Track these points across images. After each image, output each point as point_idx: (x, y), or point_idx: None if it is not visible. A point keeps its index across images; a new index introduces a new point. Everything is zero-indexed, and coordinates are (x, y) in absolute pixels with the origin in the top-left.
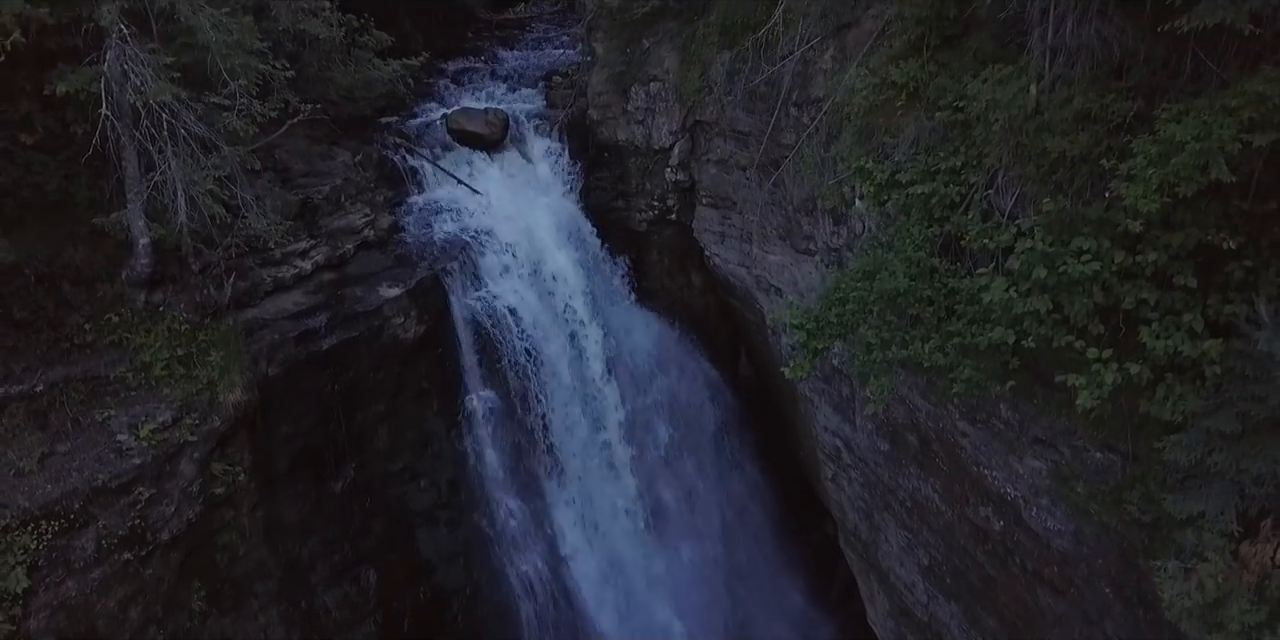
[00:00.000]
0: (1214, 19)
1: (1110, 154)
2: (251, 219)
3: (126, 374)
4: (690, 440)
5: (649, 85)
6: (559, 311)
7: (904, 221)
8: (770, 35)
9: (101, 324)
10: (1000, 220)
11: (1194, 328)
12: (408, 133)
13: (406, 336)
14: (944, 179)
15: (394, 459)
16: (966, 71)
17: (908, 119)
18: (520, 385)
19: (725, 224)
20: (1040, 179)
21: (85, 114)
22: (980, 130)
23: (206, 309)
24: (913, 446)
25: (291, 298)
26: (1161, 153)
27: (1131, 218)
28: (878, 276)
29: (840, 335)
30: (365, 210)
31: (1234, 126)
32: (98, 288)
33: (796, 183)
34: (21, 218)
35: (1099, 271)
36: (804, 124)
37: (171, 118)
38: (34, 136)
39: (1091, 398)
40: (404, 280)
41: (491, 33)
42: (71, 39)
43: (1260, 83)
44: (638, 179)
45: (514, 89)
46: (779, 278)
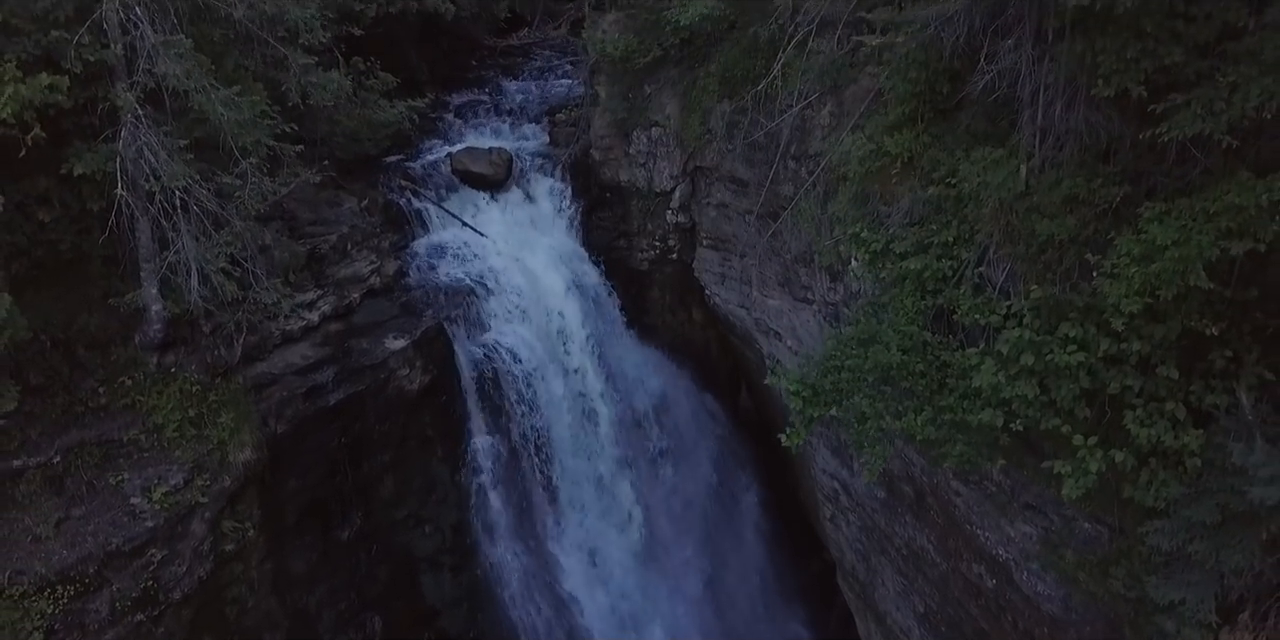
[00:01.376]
0: (1193, 129)
1: (1097, 239)
2: (262, 295)
3: (139, 436)
4: (691, 475)
5: (650, 130)
6: (561, 354)
7: (897, 292)
8: (769, 89)
9: (115, 387)
10: (991, 295)
11: (1176, 416)
12: (413, 175)
13: (412, 387)
14: (936, 252)
15: (399, 506)
16: (959, 145)
17: (903, 188)
18: (523, 429)
19: (725, 265)
20: (1030, 258)
21: (101, 192)
22: (972, 208)
23: (217, 369)
24: (908, 497)
25: (299, 350)
26: (1144, 253)
27: (1114, 316)
28: (871, 348)
29: (836, 403)
30: (371, 257)
31: (1213, 233)
32: (111, 351)
33: (794, 235)
34: (36, 279)
35: (1084, 360)
36: (802, 177)
37: (184, 194)
38: (51, 213)
39: (1077, 487)
40: (409, 331)
41: (495, 60)
42: (88, 118)
43: (1237, 192)
44: (639, 219)
45: (517, 125)
46: (778, 322)
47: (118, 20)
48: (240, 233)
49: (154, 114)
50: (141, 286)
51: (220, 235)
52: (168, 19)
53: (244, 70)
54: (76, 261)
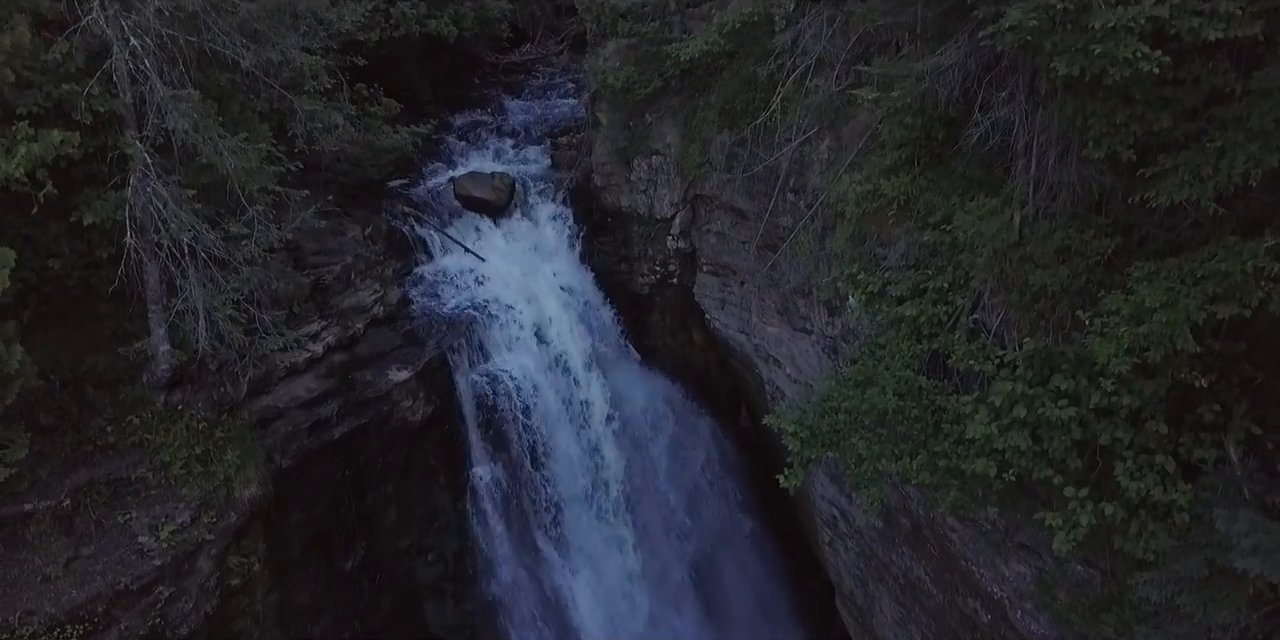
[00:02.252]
0: (1180, 196)
1: (1089, 289)
2: (268, 341)
3: (147, 474)
4: (692, 497)
5: (651, 158)
6: (562, 380)
7: (893, 335)
8: (768, 122)
9: (123, 426)
10: (986, 341)
11: (1166, 469)
12: (416, 201)
13: (414, 419)
14: (932, 297)
15: (402, 535)
16: (955, 190)
17: (899, 230)
18: (524, 456)
19: (725, 291)
20: (1023, 307)
21: (110, 239)
22: (966, 255)
23: (223, 405)
24: (905, 528)
25: (304, 383)
26: (1133, 314)
27: (1104, 376)
28: (868, 391)
29: (833, 444)
30: (375, 286)
31: (1200, 297)
32: (120, 390)
33: (793, 267)
34: (45, 316)
35: (1076, 415)
36: (800, 210)
37: (192, 241)
38: (61, 261)
39: (1067, 540)
40: (412, 362)
41: (498, 78)
42: (97, 165)
43: (1223, 257)
44: (640, 245)
45: (519, 147)
46: (777, 350)
47: (127, 70)
48: (247, 279)
49: (162, 161)
50: (149, 327)
51: (228, 281)
52: (176, 68)
53: (250, 111)
54: (85, 297)
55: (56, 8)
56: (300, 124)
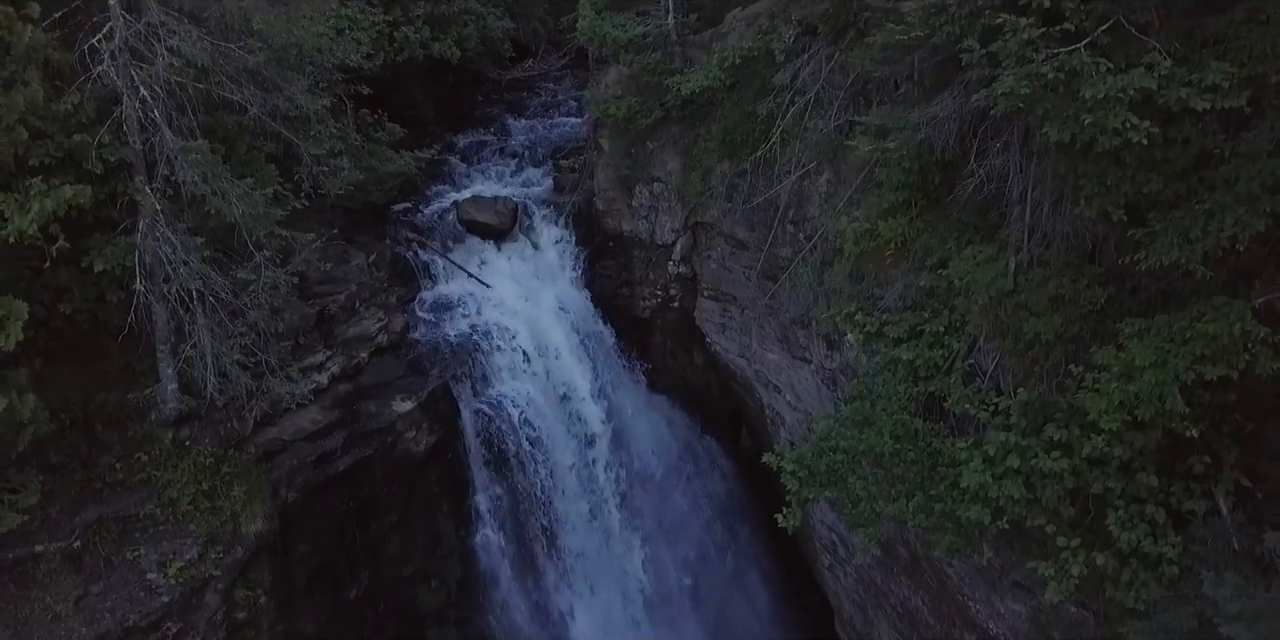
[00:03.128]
0: (1170, 258)
1: (1082, 337)
2: (275, 385)
3: (155, 511)
4: (694, 519)
5: (652, 185)
6: (563, 406)
7: (890, 377)
8: (768, 155)
9: (131, 463)
10: (981, 385)
11: (1156, 519)
12: (419, 225)
13: (418, 449)
14: (928, 340)
15: (406, 563)
16: (951, 234)
17: (896, 271)
18: (527, 482)
19: (726, 316)
20: (1018, 353)
21: (120, 284)
22: (962, 300)
23: (229, 440)
24: (903, 558)
25: (309, 415)
26: (1123, 371)
27: (1095, 433)
28: (865, 432)
29: (831, 483)
30: (379, 315)
31: (1189, 357)
32: (128, 427)
33: (792, 298)
34: (55, 351)
35: (1068, 466)
36: (800, 241)
37: (202, 286)
38: (72, 305)
39: (1059, 590)
40: (416, 391)
41: (501, 95)
42: (107, 211)
43: (1211, 317)
44: (641, 269)
45: (522, 168)
46: (778, 377)
47: (136, 118)
48: (254, 323)
49: (170, 207)
50: (157, 365)
51: (235, 326)
52: (184, 116)
53: (256, 151)
54: (94, 332)
55: (68, 58)
56: (307, 168)
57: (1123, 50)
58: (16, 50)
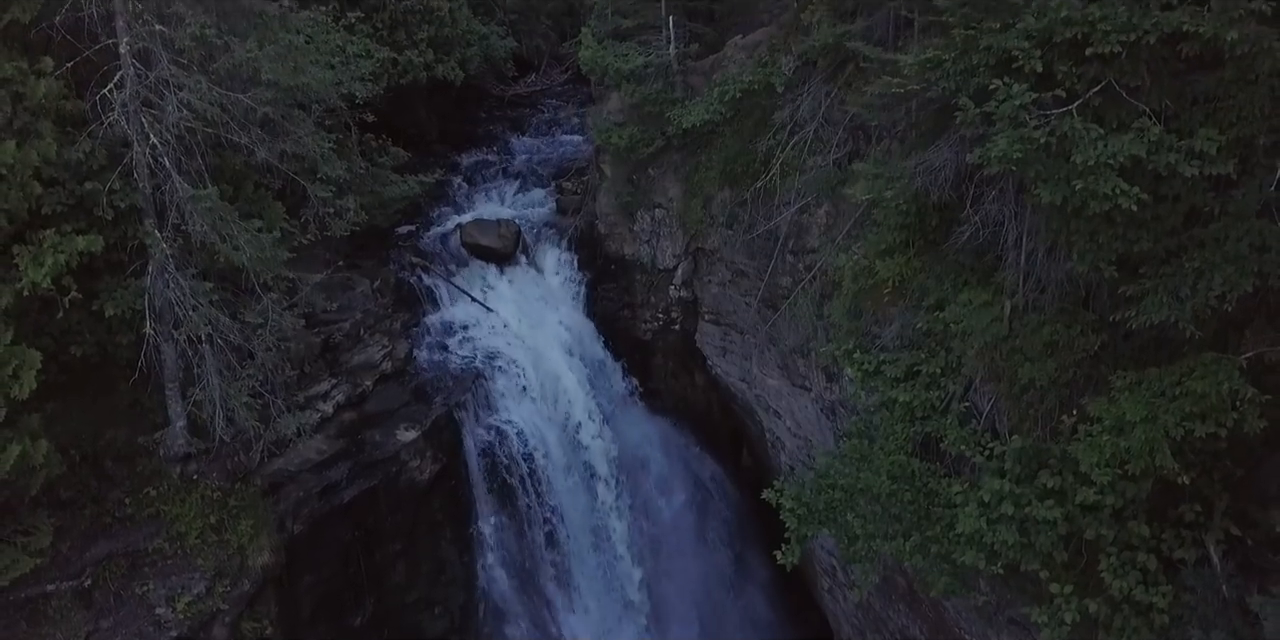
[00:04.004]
0: (1160, 317)
1: (1077, 382)
2: (282, 425)
3: (164, 545)
4: (696, 541)
5: (654, 211)
6: (567, 430)
7: (887, 415)
8: (768, 185)
9: (140, 498)
10: (977, 427)
11: (1148, 566)
12: (423, 249)
13: (422, 478)
14: (925, 381)
15: (410, 590)
16: (948, 275)
17: (894, 310)
18: (530, 508)
19: (726, 340)
20: (1013, 397)
21: (130, 326)
22: (958, 343)
23: (236, 474)
24: (901, 587)
25: (314, 445)
26: (1115, 425)
27: (1086, 485)
28: (862, 472)
29: (829, 520)
30: (383, 341)
31: (1178, 414)
32: (137, 462)
33: (792, 328)
34: (65, 385)
35: (1061, 514)
36: (799, 271)
37: (211, 330)
38: (83, 348)
39: (1053, 636)
40: (420, 420)
41: (504, 112)
42: (117, 254)
43: (1200, 375)
44: (643, 292)
45: (525, 189)
46: (778, 403)
47: (147, 164)
48: (262, 364)
49: (180, 251)
50: (165, 401)
51: (244, 368)
52: (193, 159)
53: (264, 189)
54: (103, 367)
55: (79, 105)
56: (313, 209)
57: (1114, 111)
58: (31, 103)
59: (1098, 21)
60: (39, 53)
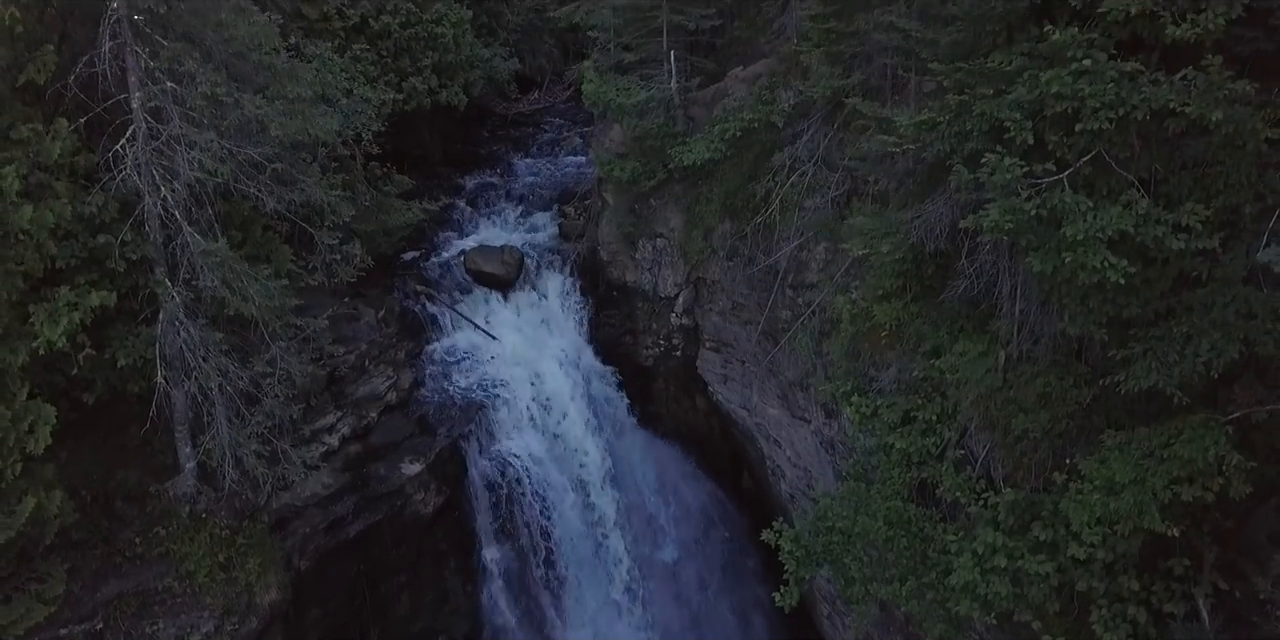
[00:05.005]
0: (1148, 382)
1: (1070, 434)
2: (290, 472)
3: (173, 584)
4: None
5: (655, 240)
6: (569, 459)
7: (884, 460)
8: (768, 220)
9: (150, 537)
10: (971, 474)
11: (1138, 619)
12: (428, 277)
13: (427, 511)
14: (921, 428)
15: (414, 621)
16: (944, 322)
17: (891, 354)
18: (532, 537)
19: (728, 368)
20: (1007, 446)
21: (142, 374)
22: (954, 391)
23: (244, 511)
24: (899, 620)
25: (321, 479)
26: (1105, 484)
27: (1077, 543)
28: (860, 517)
29: (827, 562)
30: (388, 372)
31: (1166, 477)
32: (147, 502)
33: (792, 362)
34: (77, 423)
35: (1053, 568)
36: (799, 306)
37: (221, 378)
38: (95, 396)
39: None
40: (424, 453)
41: (507, 131)
42: (129, 303)
43: (1188, 439)
44: (645, 319)
45: (528, 214)
46: (778, 432)
47: (158, 214)
48: (270, 411)
49: (190, 300)
50: (175, 441)
51: (252, 415)
52: (204, 210)
53: (272, 232)
54: (113, 404)
55: (91, 159)
56: (321, 256)
57: (1104, 178)
58: (46, 161)
59: (1087, 97)
60: (53, 110)
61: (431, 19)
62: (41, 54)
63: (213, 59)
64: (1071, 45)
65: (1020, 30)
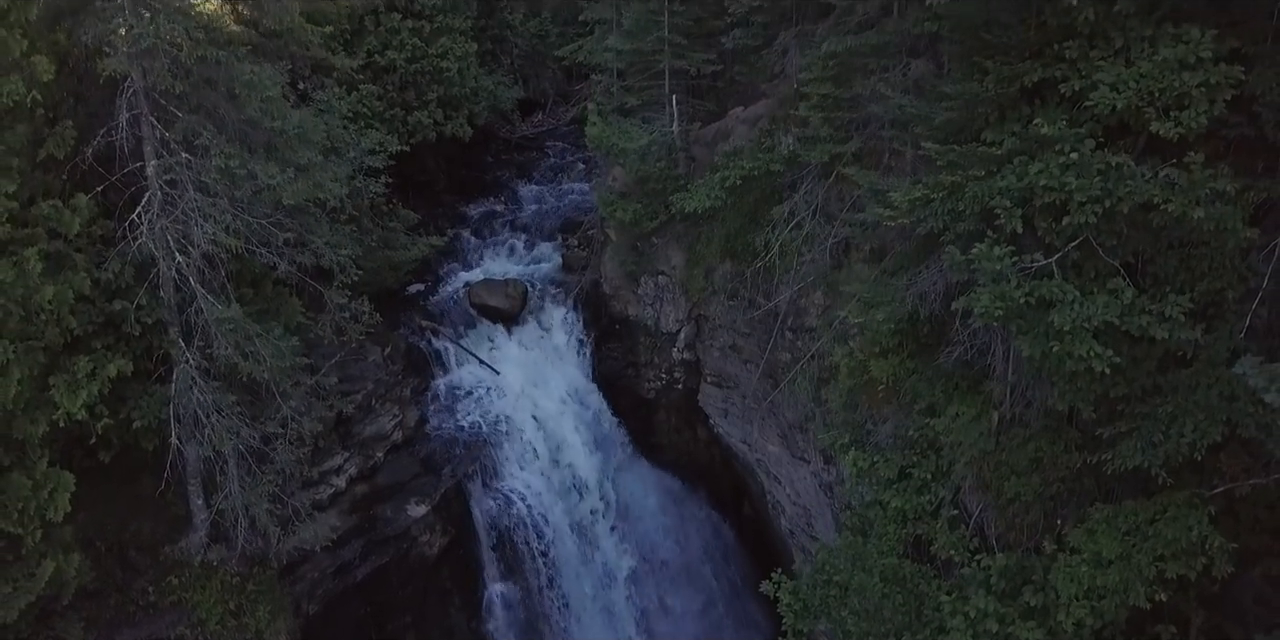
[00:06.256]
0: (1134, 462)
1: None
2: (300, 530)
3: (185, 632)
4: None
5: (657, 277)
6: (571, 493)
7: (881, 515)
8: (768, 264)
9: (163, 586)
10: (965, 533)
11: None
12: (433, 311)
13: (432, 552)
14: (916, 485)
15: None
16: (939, 381)
17: (888, 409)
18: (536, 572)
19: (728, 403)
20: (1000, 507)
21: (156, 433)
22: (948, 451)
23: (254, 558)
24: None
25: (328, 521)
26: (1092, 558)
27: (1066, 612)
28: (856, 574)
29: (825, 614)
30: (394, 410)
31: (1150, 554)
32: (160, 552)
33: (791, 405)
34: (90, 470)
35: (1043, 636)
36: (799, 348)
37: (234, 438)
38: (110, 453)
39: None
40: (429, 493)
41: (510, 156)
42: (142, 363)
43: (1172, 517)
44: (647, 353)
45: (532, 244)
46: (778, 469)
47: (172, 279)
48: (282, 468)
49: (203, 363)
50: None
51: (264, 473)
52: (217, 271)
53: (282, 286)
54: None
55: (107, 226)
56: (331, 315)
57: (1091, 263)
58: (67, 234)
59: (1074, 191)
60: (71, 180)
61: (437, 53)
62: (61, 129)
63: (226, 130)
64: (1060, 139)
65: (1012, 109)
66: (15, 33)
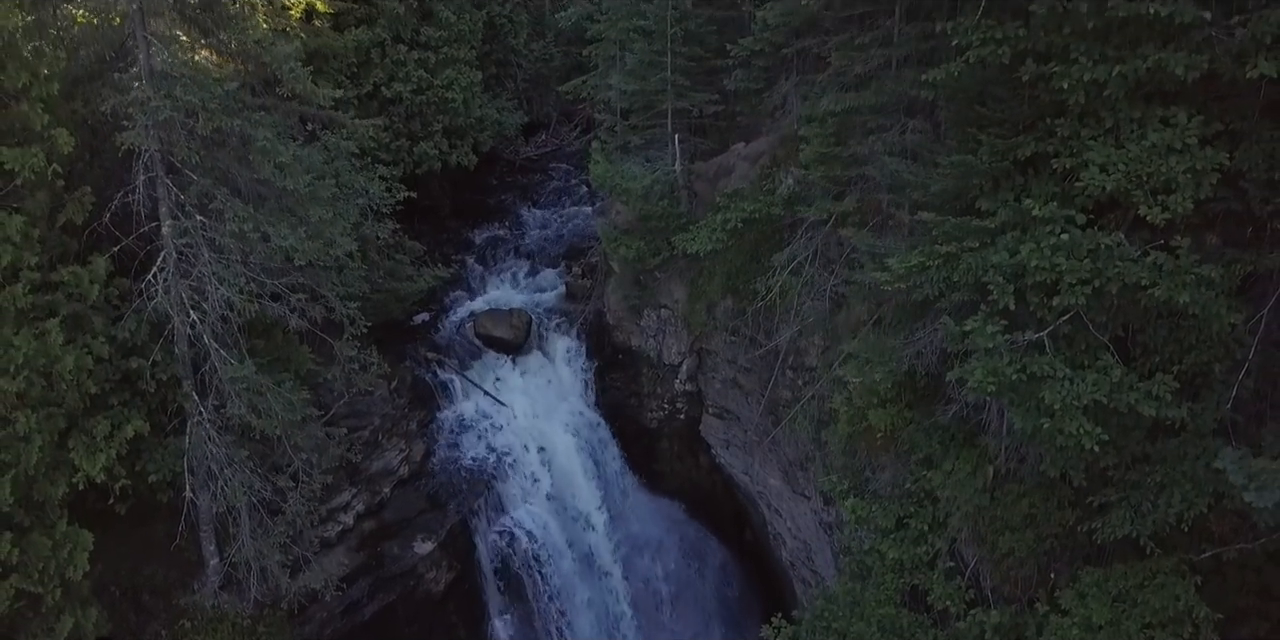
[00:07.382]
0: (1123, 532)
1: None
2: (309, 578)
3: None
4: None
5: (660, 311)
6: (574, 523)
7: (879, 565)
8: (768, 303)
9: (176, 630)
10: (961, 583)
11: None
12: (438, 343)
13: (438, 589)
14: (913, 536)
15: None
16: (936, 432)
17: (886, 457)
18: (539, 601)
19: (730, 434)
20: (995, 561)
21: (170, 484)
22: (944, 504)
23: (265, 600)
24: None
25: (336, 558)
26: (1083, 623)
27: None
28: (854, 624)
29: None
30: (400, 445)
31: (1139, 621)
32: (173, 596)
33: (791, 443)
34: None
35: None
36: (799, 387)
37: (247, 492)
38: (125, 505)
39: None
40: (435, 530)
41: (515, 178)
42: (157, 417)
43: (1160, 585)
44: (649, 384)
45: (536, 271)
46: (779, 503)
47: (186, 334)
48: (293, 520)
49: (216, 418)
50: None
51: (275, 524)
52: (230, 327)
53: (292, 333)
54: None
55: (123, 284)
56: (340, 367)
57: (1082, 337)
58: (88, 299)
59: (1065, 272)
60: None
61: (443, 84)
62: (80, 195)
63: (240, 194)
64: (1051, 220)
65: (1006, 179)
66: (37, 107)
